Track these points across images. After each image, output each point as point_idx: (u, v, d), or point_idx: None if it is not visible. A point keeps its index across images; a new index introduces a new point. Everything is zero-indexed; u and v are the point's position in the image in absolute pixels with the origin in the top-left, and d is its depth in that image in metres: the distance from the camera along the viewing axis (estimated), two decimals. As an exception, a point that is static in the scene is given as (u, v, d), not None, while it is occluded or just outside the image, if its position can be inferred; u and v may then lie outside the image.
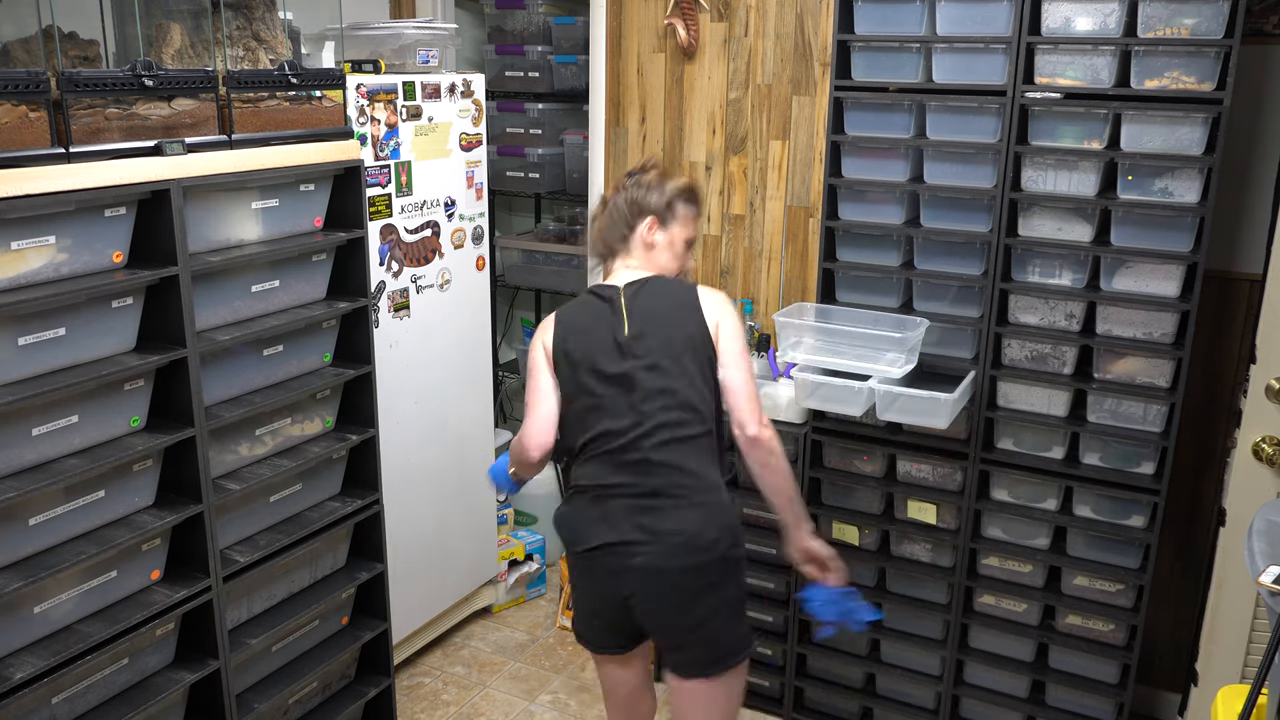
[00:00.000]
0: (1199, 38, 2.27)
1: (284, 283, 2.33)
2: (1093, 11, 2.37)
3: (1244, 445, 2.37)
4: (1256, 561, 1.64)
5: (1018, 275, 2.58)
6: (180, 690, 2.15)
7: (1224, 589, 2.45)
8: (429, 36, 3.01)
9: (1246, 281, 2.66)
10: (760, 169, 3.24)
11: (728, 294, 3.38)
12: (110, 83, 1.87)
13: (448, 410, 3.19)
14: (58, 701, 1.94)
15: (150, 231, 1.99)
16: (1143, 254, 2.41)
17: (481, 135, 3.16)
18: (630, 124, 3.44)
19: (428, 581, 3.21)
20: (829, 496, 2.87)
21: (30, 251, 1.80)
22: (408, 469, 3.03)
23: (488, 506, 3.45)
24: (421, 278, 3.00)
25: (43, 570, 1.85)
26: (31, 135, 1.76)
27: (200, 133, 2.07)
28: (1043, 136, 2.48)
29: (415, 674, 3.22)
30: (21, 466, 1.85)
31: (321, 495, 2.52)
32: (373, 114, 2.74)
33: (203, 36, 2.15)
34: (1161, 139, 2.35)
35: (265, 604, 2.40)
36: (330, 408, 2.51)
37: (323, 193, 2.40)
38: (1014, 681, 2.74)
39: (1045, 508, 2.62)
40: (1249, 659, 2.42)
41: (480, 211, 3.21)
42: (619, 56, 3.41)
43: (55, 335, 1.86)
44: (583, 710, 3.07)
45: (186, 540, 2.15)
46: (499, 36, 3.90)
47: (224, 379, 2.22)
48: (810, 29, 3.08)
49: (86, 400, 1.93)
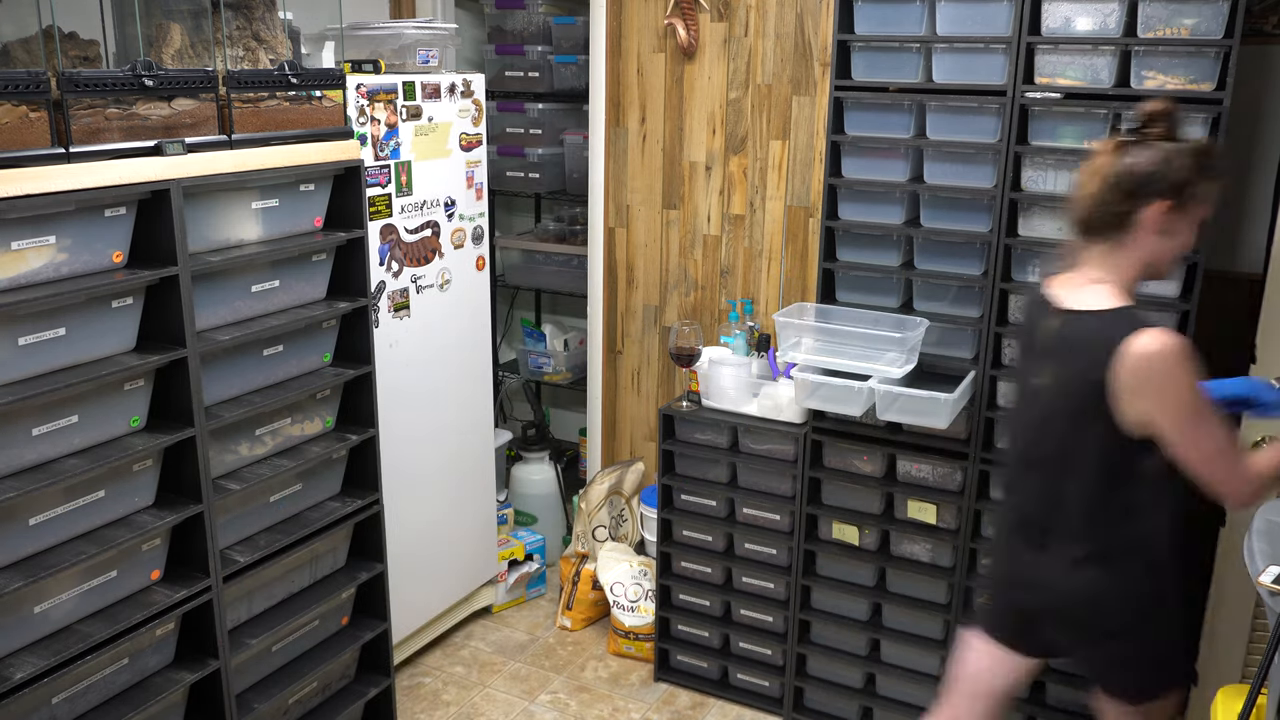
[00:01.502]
0: (1199, 38, 2.28)
1: (284, 283, 2.33)
2: (1093, 11, 2.38)
3: (1244, 445, 2.37)
4: (1256, 561, 1.65)
5: (1018, 275, 2.58)
6: (180, 690, 2.15)
7: (1224, 589, 2.45)
8: (429, 36, 3.01)
9: (1246, 281, 2.66)
10: (760, 169, 3.24)
11: (727, 294, 3.39)
12: (110, 83, 1.87)
13: (448, 410, 3.19)
14: (58, 701, 1.94)
15: (150, 231, 1.99)
16: (1143, 254, 2.41)
17: (481, 135, 3.16)
18: (630, 124, 3.45)
19: (428, 581, 3.21)
20: (829, 496, 2.87)
21: (30, 251, 1.80)
22: (408, 469, 3.03)
23: (488, 506, 3.45)
24: (421, 278, 3.00)
25: (43, 570, 1.85)
26: (31, 135, 1.76)
27: (200, 133, 2.07)
28: (1043, 136, 2.48)
29: (415, 674, 3.22)
30: (21, 466, 1.85)
31: (321, 495, 2.52)
32: (373, 114, 2.74)
33: (203, 36, 2.15)
34: (1161, 139, 2.35)
35: (265, 604, 2.40)
36: (330, 408, 2.51)
37: (323, 193, 2.40)
38: (1014, 681, 2.75)
39: (1045, 508, 2.62)
40: (1249, 659, 2.43)
41: (480, 211, 3.21)
42: (619, 56, 3.42)
43: (55, 335, 1.86)
44: (583, 710, 3.07)
45: (186, 540, 2.15)
46: (499, 36, 3.90)
47: (224, 379, 2.21)
48: (810, 29, 3.08)
49: (86, 400, 1.93)
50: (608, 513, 3.53)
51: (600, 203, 3.55)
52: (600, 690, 3.17)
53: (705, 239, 3.38)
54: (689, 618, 3.16)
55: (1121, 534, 1.85)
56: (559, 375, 4.07)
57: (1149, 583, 1.87)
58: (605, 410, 3.73)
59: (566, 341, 4.07)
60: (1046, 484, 1.91)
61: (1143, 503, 1.84)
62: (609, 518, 3.53)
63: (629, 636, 3.30)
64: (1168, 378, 1.71)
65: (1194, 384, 1.73)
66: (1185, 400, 1.73)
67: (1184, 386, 1.72)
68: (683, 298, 3.49)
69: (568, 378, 4.06)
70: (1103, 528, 1.86)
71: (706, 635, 3.15)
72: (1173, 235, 1.80)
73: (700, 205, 3.38)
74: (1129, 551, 1.86)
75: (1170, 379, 1.71)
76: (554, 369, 4.06)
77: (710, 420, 2.99)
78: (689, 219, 3.41)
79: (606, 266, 3.60)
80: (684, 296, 3.48)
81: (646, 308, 3.57)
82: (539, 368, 4.09)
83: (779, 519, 2.95)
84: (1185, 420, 1.74)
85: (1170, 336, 1.71)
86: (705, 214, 3.37)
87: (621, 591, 3.30)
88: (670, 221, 3.45)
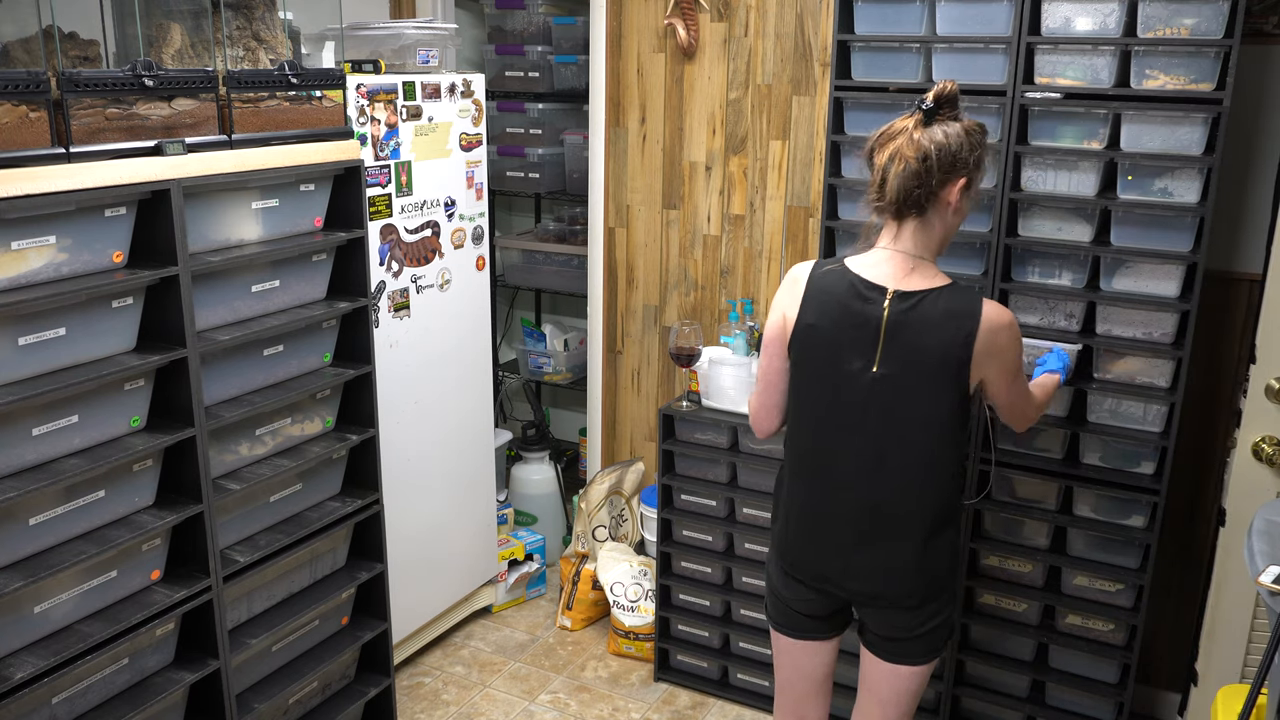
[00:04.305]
0: (1199, 38, 2.27)
1: (284, 283, 2.33)
2: (1092, 11, 2.38)
3: (1244, 445, 2.37)
4: (1256, 561, 1.65)
5: (1018, 275, 2.58)
6: (180, 690, 2.15)
7: (1224, 589, 2.45)
8: (429, 36, 3.01)
9: (1246, 281, 2.66)
10: (760, 169, 3.24)
11: (727, 294, 3.39)
12: (110, 83, 1.87)
13: (448, 410, 3.19)
14: (58, 701, 1.94)
15: (150, 231, 1.99)
16: (1143, 254, 2.41)
17: (481, 135, 3.16)
18: (630, 124, 3.45)
19: (428, 581, 3.21)
20: (829, 496, 2.87)
21: (30, 251, 1.80)
22: (408, 469, 3.03)
23: (488, 506, 3.45)
24: (421, 278, 3.00)
25: (43, 570, 1.85)
26: (31, 135, 1.76)
27: (200, 133, 2.07)
28: (1043, 136, 2.48)
29: (415, 674, 3.22)
30: (21, 466, 1.85)
31: (321, 495, 2.52)
32: (373, 114, 2.74)
33: (203, 36, 2.15)
34: (1161, 139, 2.36)
35: (265, 604, 2.40)
36: (330, 408, 2.51)
37: (323, 193, 2.40)
38: (1014, 680, 2.75)
39: (1045, 507, 2.62)
40: (1249, 659, 2.43)
41: (480, 211, 3.21)
42: (619, 56, 3.42)
43: (55, 335, 1.86)
44: (583, 710, 3.07)
45: (186, 540, 2.15)
46: (499, 36, 3.90)
47: (224, 379, 2.22)
48: (810, 29, 3.08)
49: (86, 400, 1.93)
50: (608, 513, 3.53)
51: (600, 203, 3.55)
52: (600, 690, 3.17)
53: (705, 239, 3.38)
54: (689, 618, 3.16)
55: (958, 493, 2.04)
56: (559, 375, 4.07)
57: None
58: (605, 410, 3.73)
59: (566, 341, 4.08)
60: (895, 469, 1.94)
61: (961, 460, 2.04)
62: (609, 518, 3.53)
63: (629, 636, 3.30)
64: (1014, 340, 1.94)
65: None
66: (1018, 356, 1.97)
67: (1019, 346, 1.97)
68: (683, 298, 3.49)
69: (568, 378, 4.07)
70: (952, 493, 1.99)
71: (706, 635, 3.15)
72: (962, 211, 1.94)
73: (700, 205, 3.38)
74: (958, 510, 2.06)
75: (1015, 341, 1.94)
76: (554, 369, 4.06)
77: (710, 420, 2.99)
78: (689, 219, 3.41)
79: (606, 266, 3.60)
80: (684, 296, 3.48)
81: (646, 308, 3.58)
82: (539, 368, 4.09)
83: (779, 519, 2.95)
84: (1018, 374, 1.99)
85: (1002, 305, 1.94)
86: (705, 214, 3.37)
87: (621, 591, 3.30)
88: (670, 221, 3.45)
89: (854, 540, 1.98)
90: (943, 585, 2.01)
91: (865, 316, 1.90)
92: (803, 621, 2.13)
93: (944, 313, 1.87)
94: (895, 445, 1.93)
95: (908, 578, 1.97)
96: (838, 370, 1.94)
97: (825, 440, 1.99)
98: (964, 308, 1.88)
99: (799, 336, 1.98)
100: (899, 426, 1.92)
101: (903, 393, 1.90)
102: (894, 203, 1.89)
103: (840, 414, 1.96)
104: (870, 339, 1.90)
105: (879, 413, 1.92)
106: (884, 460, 1.93)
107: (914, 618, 2.00)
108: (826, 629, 2.14)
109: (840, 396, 1.95)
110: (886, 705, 2.10)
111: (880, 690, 2.09)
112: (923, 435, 1.92)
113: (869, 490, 1.95)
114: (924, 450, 1.93)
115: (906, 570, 1.96)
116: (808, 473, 2.03)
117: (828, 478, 1.99)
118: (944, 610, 2.03)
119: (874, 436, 1.93)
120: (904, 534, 1.95)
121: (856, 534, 1.97)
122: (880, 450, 1.93)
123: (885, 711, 2.10)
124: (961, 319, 1.87)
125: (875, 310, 1.89)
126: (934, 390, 1.90)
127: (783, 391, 2.07)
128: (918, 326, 1.87)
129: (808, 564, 2.04)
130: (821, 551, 2.02)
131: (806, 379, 2.00)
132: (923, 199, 1.87)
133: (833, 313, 1.93)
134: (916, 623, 2.00)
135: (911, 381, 1.89)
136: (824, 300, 1.95)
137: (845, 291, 1.93)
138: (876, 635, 2.06)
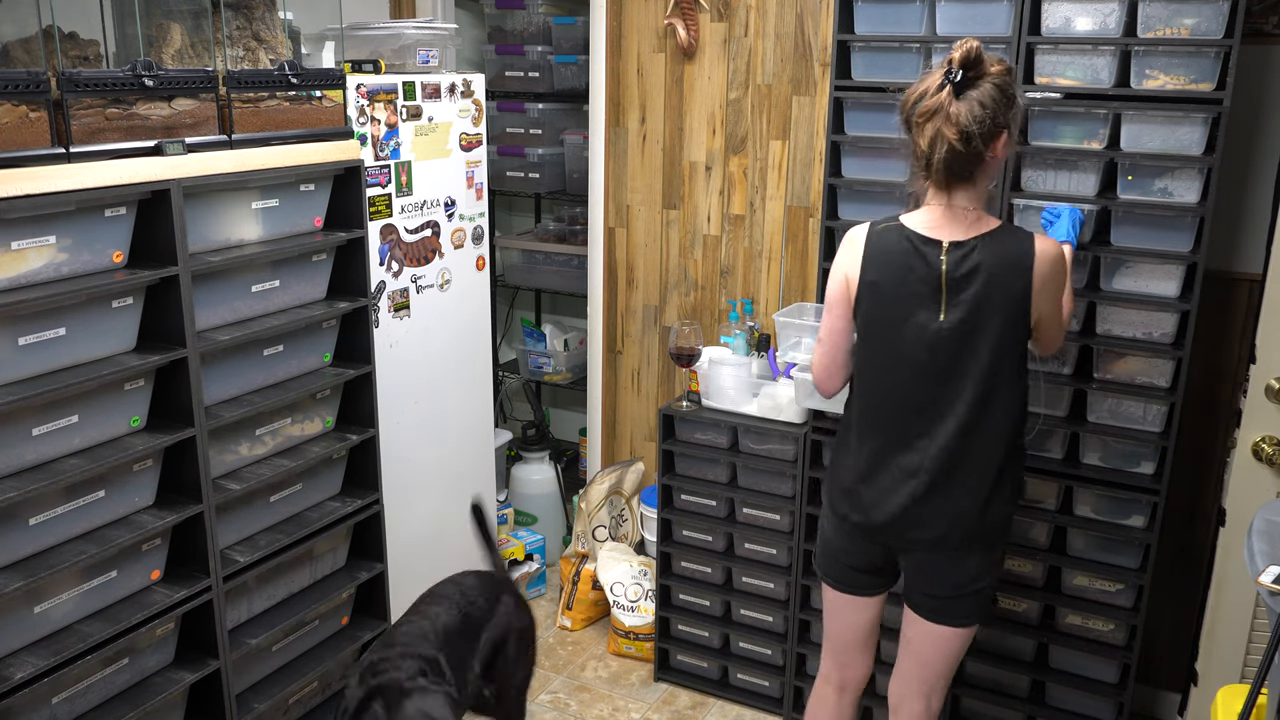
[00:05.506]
0: (1199, 38, 2.28)
1: (284, 283, 2.33)
2: (1092, 11, 2.38)
3: (1244, 445, 2.37)
4: (1256, 561, 1.64)
5: (1018, 275, 2.57)
6: (180, 690, 2.15)
7: (1224, 589, 2.45)
8: (429, 36, 3.01)
9: (1246, 281, 2.66)
10: (760, 169, 3.24)
11: (727, 294, 3.39)
12: (110, 83, 1.87)
13: (448, 410, 3.19)
14: (58, 701, 1.94)
15: (150, 231, 1.99)
16: (1143, 254, 2.41)
17: (481, 135, 3.16)
18: (630, 124, 3.45)
19: (428, 581, 3.19)
20: (829, 496, 2.87)
21: (30, 251, 1.80)
22: (408, 469, 3.03)
23: (488, 507, 3.44)
24: (421, 278, 3.00)
25: (43, 570, 1.85)
26: (31, 135, 1.76)
27: (200, 133, 2.07)
28: (1043, 136, 2.48)
29: (415, 674, 3.22)
30: (21, 466, 1.85)
31: (321, 495, 2.52)
32: (373, 114, 2.74)
33: (203, 36, 2.15)
34: (1161, 139, 2.35)
35: (265, 604, 2.40)
36: (330, 408, 2.51)
37: (323, 193, 2.40)
38: (1014, 680, 2.74)
39: (1045, 507, 2.62)
40: (1249, 659, 2.43)
41: (480, 211, 3.21)
42: (619, 56, 3.42)
43: (55, 335, 1.86)
44: (583, 710, 3.07)
45: (186, 540, 2.15)
46: (499, 36, 3.90)
47: (224, 379, 2.22)
48: (810, 29, 3.08)
49: (86, 400, 1.93)
50: (608, 513, 3.53)
51: (600, 203, 3.55)
52: (600, 690, 3.17)
53: (705, 239, 3.38)
54: (689, 618, 3.16)
55: (1021, 434, 2.10)
56: (559, 375, 4.07)
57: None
58: (605, 410, 3.73)
59: (566, 341, 4.07)
60: (967, 414, 1.99)
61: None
62: (609, 518, 3.53)
63: (629, 636, 3.30)
64: (1065, 269, 2.05)
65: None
66: (1065, 283, 2.07)
67: (1067, 272, 2.08)
68: (683, 298, 3.49)
69: (568, 378, 4.06)
70: (1016, 434, 2.06)
71: (706, 635, 3.15)
72: (1002, 159, 2.01)
73: (700, 205, 3.38)
74: (1022, 449, 2.14)
75: (1065, 269, 2.05)
76: (554, 369, 4.06)
77: (710, 420, 2.99)
78: (689, 219, 3.41)
79: (606, 266, 3.60)
80: (684, 296, 3.48)
81: (646, 308, 3.57)
82: (539, 368, 4.09)
83: (779, 519, 2.95)
84: (1068, 301, 2.10)
85: (1048, 238, 2.03)
86: (705, 214, 3.37)
87: (621, 591, 3.30)
88: (670, 221, 3.45)
89: (927, 488, 2.03)
90: (1000, 534, 2.08)
91: (926, 270, 1.97)
92: (854, 576, 2.20)
93: (1000, 255, 1.95)
94: (967, 391, 1.98)
95: (971, 522, 2.03)
96: (905, 323, 2.00)
97: (897, 393, 2.05)
98: (1018, 247, 1.95)
99: (864, 295, 2.05)
100: (969, 372, 1.98)
101: (970, 338, 1.96)
102: (943, 178, 1.97)
103: (911, 366, 2.02)
104: (933, 291, 1.97)
105: (948, 360, 1.98)
106: (956, 407, 1.99)
107: (963, 573, 2.06)
108: (875, 585, 2.22)
109: (909, 349, 2.01)
110: (926, 667, 2.16)
111: (923, 651, 2.15)
112: (992, 378, 1.98)
113: (944, 438, 2.01)
114: (993, 392, 1.99)
115: (971, 515, 2.03)
116: (882, 426, 2.08)
117: (902, 429, 2.05)
118: (990, 573, 2.10)
119: (946, 385, 2.00)
120: (977, 477, 2.02)
121: (930, 483, 2.03)
122: (952, 397, 1.99)
123: (924, 674, 2.17)
124: (1018, 258, 1.94)
125: (934, 263, 1.96)
126: (1000, 332, 1.96)
127: (847, 351, 2.14)
128: (977, 273, 1.94)
129: (875, 515, 2.09)
130: (892, 501, 2.07)
131: (874, 335, 2.06)
132: (971, 169, 1.95)
133: (894, 269, 2.00)
134: (966, 579, 2.06)
135: (978, 326, 1.96)
136: (884, 258, 2.02)
137: (903, 248, 2.00)
138: (923, 595, 2.12)
